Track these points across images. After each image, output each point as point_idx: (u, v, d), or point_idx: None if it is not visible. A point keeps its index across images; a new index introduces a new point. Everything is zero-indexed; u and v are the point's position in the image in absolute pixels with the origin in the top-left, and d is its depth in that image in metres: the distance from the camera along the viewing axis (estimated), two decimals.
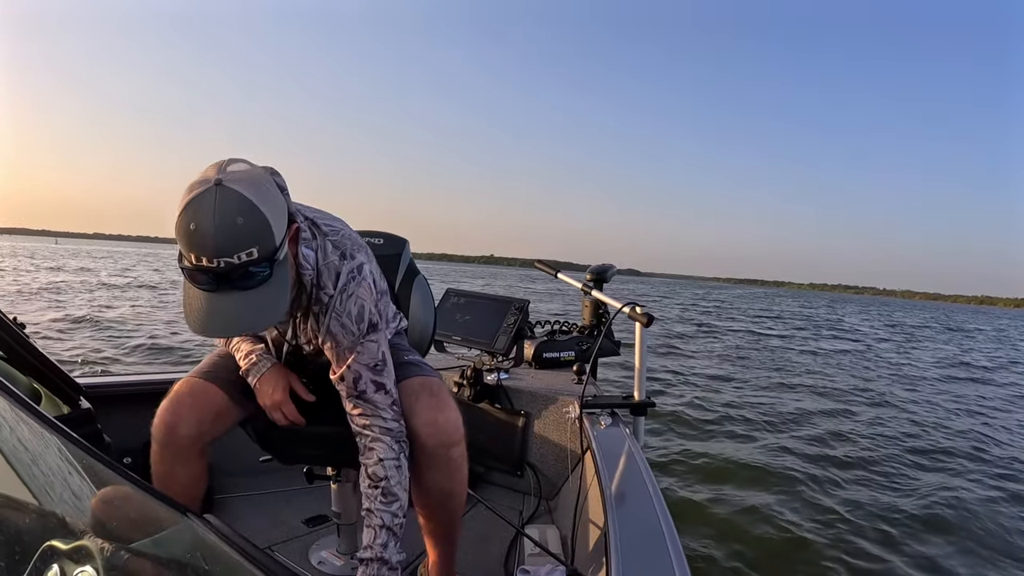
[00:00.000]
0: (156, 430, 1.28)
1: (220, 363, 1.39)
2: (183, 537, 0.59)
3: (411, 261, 1.79)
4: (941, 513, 3.93)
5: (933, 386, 9.50)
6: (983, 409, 7.73)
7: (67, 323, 8.77)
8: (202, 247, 0.92)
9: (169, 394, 1.30)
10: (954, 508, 4.03)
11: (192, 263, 0.95)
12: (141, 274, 22.23)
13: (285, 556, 1.72)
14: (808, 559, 3.16)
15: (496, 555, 1.79)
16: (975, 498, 4.23)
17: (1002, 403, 8.41)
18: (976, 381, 10.55)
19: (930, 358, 13.78)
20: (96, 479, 0.64)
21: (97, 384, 1.99)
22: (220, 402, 1.31)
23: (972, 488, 4.47)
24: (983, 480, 4.68)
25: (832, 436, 5.66)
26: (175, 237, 0.95)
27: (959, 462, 5.15)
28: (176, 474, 1.29)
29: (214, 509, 1.97)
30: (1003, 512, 4.01)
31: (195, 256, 0.94)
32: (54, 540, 0.55)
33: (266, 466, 2.20)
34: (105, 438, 1.74)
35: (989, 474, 4.85)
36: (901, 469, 4.81)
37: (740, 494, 3.97)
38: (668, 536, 1.12)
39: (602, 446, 1.66)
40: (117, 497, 0.62)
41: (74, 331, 8.17)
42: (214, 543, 0.55)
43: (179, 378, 1.35)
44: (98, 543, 0.54)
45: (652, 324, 1.90)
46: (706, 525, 3.44)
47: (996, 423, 6.88)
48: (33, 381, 1.63)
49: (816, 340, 15.77)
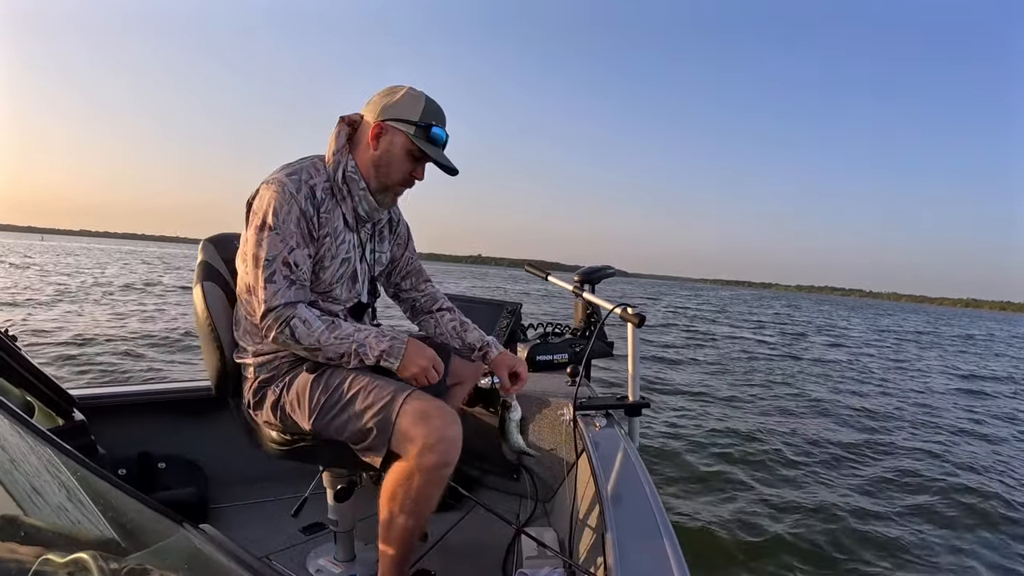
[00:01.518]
0: (450, 451, 1.28)
1: (392, 380, 1.39)
2: (180, 548, 0.59)
3: None
4: (939, 509, 3.97)
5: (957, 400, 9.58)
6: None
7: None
8: (443, 115, 1.42)
9: (438, 415, 1.29)
10: (952, 507, 4.07)
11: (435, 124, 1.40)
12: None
13: (283, 565, 1.71)
14: (802, 556, 3.18)
15: (494, 559, 1.79)
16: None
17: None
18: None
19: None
20: (91, 491, 0.64)
21: (90, 395, 1.98)
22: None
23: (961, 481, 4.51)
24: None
25: (828, 436, 5.71)
26: (413, 113, 1.38)
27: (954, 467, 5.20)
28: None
29: (210, 519, 1.96)
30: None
31: (438, 121, 1.40)
32: (49, 554, 0.55)
33: (261, 475, 2.19)
34: (99, 449, 1.73)
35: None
36: (895, 468, 4.85)
37: (737, 494, 3.98)
38: (665, 536, 1.13)
39: (597, 447, 1.66)
40: (112, 508, 0.62)
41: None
42: (211, 553, 0.55)
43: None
44: (94, 556, 0.54)
45: (643, 324, 1.90)
46: (703, 525, 3.45)
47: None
48: (26, 393, 1.62)
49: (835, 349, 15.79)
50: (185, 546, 0.58)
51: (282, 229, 1.30)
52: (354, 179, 1.41)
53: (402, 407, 1.29)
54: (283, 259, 1.30)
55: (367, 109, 1.42)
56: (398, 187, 1.46)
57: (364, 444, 1.35)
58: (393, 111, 1.38)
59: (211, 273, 1.56)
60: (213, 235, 1.63)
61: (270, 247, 1.29)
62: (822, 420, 6.34)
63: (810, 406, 7.05)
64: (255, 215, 1.32)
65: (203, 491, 2.00)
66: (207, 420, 2.17)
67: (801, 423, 6.11)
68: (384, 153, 1.40)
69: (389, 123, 1.38)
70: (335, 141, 1.41)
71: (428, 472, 1.27)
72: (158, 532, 0.61)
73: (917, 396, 8.48)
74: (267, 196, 1.31)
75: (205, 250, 1.59)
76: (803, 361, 11.72)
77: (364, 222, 1.49)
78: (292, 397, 1.39)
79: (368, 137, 1.40)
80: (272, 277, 1.29)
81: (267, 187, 1.33)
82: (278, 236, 1.29)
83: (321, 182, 1.37)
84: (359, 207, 1.43)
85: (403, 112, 1.38)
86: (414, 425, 1.27)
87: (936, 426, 6.50)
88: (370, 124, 1.40)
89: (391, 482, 1.32)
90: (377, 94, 1.42)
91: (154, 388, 2.20)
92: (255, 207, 1.34)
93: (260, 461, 1.61)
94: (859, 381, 9.57)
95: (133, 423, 2.07)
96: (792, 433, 5.66)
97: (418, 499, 1.30)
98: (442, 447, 1.26)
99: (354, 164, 1.41)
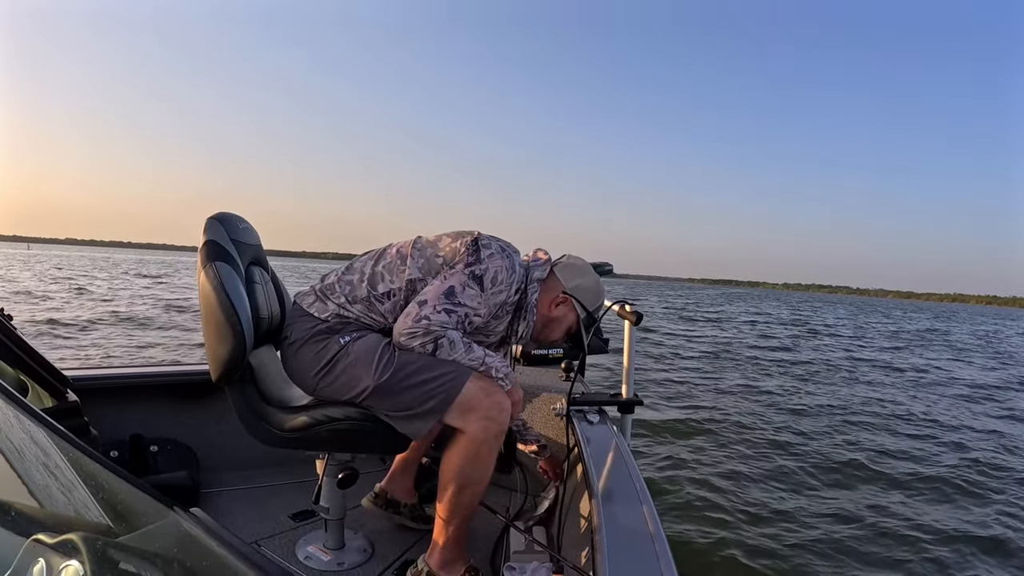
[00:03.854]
0: (506, 420, 1.49)
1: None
2: (170, 531, 0.59)
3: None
4: (938, 508, 4.00)
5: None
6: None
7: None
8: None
9: (499, 390, 1.49)
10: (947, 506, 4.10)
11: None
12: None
13: (272, 551, 1.72)
14: (792, 556, 3.20)
15: (483, 552, 1.80)
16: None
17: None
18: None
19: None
20: (82, 472, 0.64)
21: (84, 377, 1.97)
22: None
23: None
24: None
25: (823, 435, 5.73)
26: (592, 303, 1.66)
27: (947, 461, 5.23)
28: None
29: (201, 503, 1.97)
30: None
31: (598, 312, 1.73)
32: (40, 534, 0.55)
33: (253, 461, 2.20)
34: (92, 431, 1.73)
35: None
36: (893, 465, 4.88)
37: (727, 493, 4.01)
38: (655, 532, 1.13)
39: (590, 443, 1.67)
40: (103, 490, 0.62)
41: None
42: (201, 537, 0.55)
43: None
44: (85, 537, 0.54)
45: (641, 322, 1.91)
46: (693, 523, 3.47)
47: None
48: (20, 373, 1.62)
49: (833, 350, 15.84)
50: (175, 530, 0.58)
51: (486, 298, 1.49)
52: (532, 312, 1.61)
53: (470, 378, 1.44)
54: (469, 312, 1.47)
55: (561, 268, 1.66)
56: (542, 343, 1.74)
57: (419, 410, 1.43)
58: (579, 293, 1.64)
59: (221, 252, 1.47)
60: (217, 213, 1.55)
61: (470, 299, 1.47)
62: (820, 419, 6.36)
63: (809, 406, 7.07)
64: (479, 262, 1.48)
65: (194, 475, 2.01)
66: (201, 405, 2.17)
67: (798, 423, 6.12)
68: (557, 319, 1.64)
69: (572, 300, 1.62)
70: (537, 269, 1.62)
71: (490, 440, 1.44)
72: (148, 515, 0.62)
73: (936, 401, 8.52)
74: (498, 264, 1.50)
75: (211, 229, 1.50)
76: (807, 361, 11.75)
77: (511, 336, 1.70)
78: (358, 352, 1.46)
79: (551, 297, 1.63)
80: (451, 315, 1.45)
81: (501, 257, 1.51)
82: (481, 299, 1.48)
83: (519, 288, 1.58)
84: (519, 329, 1.64)
85: (586, 299, 1.64)
86: (478, 396, 1.43)
87: (941, 425, 6.53)
88: (557, 286, 1.63)
89: (456, 460, 1.44)
90: (573, 262, 1.69)
91: (149, 371, 2.20)
92: (484, 256, 1.49)
93: (252, 447, 1.62)
94: (856, 380, 9.62)
95: (127, 406, 2.07)
96: (786, 433, 5.68)
97: (483, 468, 1.46)
98: (503, 417, 1.45)
99: (535, 302, 1.61)
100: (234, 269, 1.47)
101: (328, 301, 1.52)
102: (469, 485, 1.46)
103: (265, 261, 1.71)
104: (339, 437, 1.49)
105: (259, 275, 1.64)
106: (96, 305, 13.10)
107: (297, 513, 1.94)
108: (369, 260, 1.56)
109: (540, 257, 1.66)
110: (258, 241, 1.68)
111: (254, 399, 1.52)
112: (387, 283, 1.51)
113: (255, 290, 1.57)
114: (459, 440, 1.45)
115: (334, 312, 1.51)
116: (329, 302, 1.52)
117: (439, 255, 1.52)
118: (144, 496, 0.62)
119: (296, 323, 1.53)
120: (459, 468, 1.44)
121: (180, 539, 0.58)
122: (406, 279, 1.51)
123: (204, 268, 1.43)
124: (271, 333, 1.63)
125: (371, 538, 1.81)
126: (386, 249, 1.58)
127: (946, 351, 16.89)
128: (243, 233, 1.59)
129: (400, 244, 1.58)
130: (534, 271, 1.61)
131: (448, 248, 1.53)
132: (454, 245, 1.52)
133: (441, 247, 1.53)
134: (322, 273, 1.62)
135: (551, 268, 1.66)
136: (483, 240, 1.53)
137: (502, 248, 1.53)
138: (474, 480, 1.46)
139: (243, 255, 1.56)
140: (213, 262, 1.44)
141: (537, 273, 1.61)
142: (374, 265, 1.54)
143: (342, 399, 1.48)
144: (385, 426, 1.47)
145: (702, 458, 4.70)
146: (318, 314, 1.51)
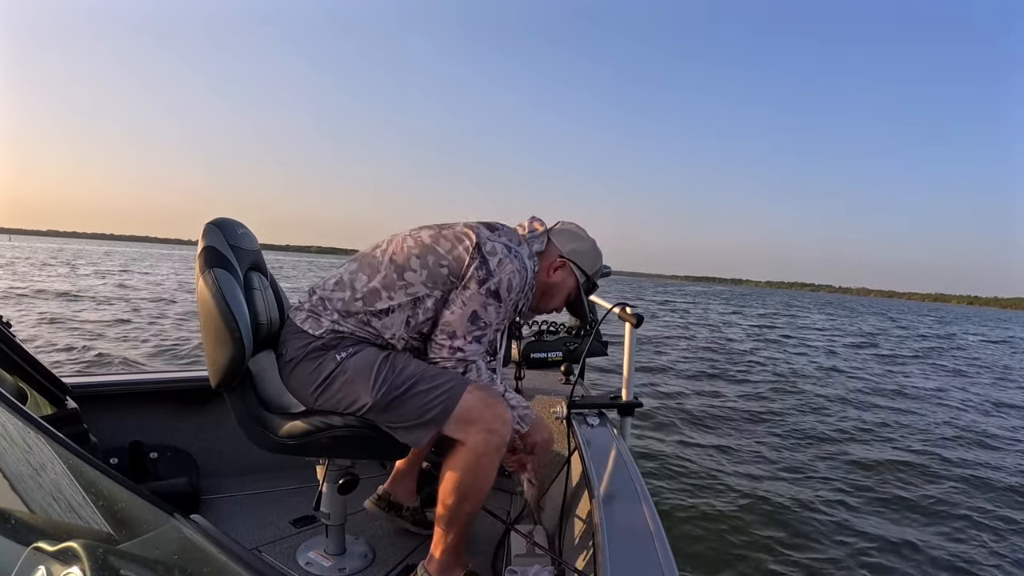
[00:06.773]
0: (507, 433, 1.46)
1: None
2: (170, 538, 0.59)
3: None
4: (936, 508, 4.00)
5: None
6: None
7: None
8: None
9: (499, 403, 1.48)
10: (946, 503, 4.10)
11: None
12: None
13: (273, 557, 1.72)
14: (792, 556, 3.20)
15: (484, 555, 1.80)
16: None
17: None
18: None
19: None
20: (82, 480, 0.64)
21: (84, 384, 1.97)
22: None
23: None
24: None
25: (822, 434, 5.73)
26: (591, 267, 1.63)
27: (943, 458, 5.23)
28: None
29: (201, 510, 1.96)
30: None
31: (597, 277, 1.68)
32: (40, 542, 0.55)
33: (253, 467, 2.19)
34: (91, 438, 1.72)
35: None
36: (891, 462, 4.88)
37: (728, 495, 4.00)
38: (656, 534, 1.13)
39: (590, 446, 1.67)
40: (103, 497, 0.62)
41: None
42: (201, 544, 0.55)
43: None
44: (85, 544, 0.54)
45: (641, 324, 1.91)
46: (694, 525, 3.47)
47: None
48: (19, 380, 1.62)
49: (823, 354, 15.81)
50: (175, 536, 0.58)
51: (506, 306, 1.48)
52: (532, 286, 1.58)
53: (468, 390, 1.43)
54: (495, 329, 1.50)
55: (556, 234, 1.63)
56: (541, 312, 1.69)
57: (418, 421, 1.41)
58: (577, 257, 1.61)
59: (219, 259, 1.46)
60: (215, 219, 1.53)
61: (493, 315, 1.47)
62: (818, 419, 6.36)
63: (808, 406, 7.07)
64: (491, 275, 1.44)
65: (194, 482, 2.00)
66: (200, 411, 2.17)
67: (796, 423, 6.12)
68: (556, 285, 1.61)
69: (571, 264, 1.60)
70: (536, 241, 1.59)
71: (491, 452, 1.41)
72: (149, 522, 0.62)
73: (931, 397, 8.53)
74: (508, 269, 1.46)
75: (209, 235, 1.48)
76: (807, 361, 11.75)
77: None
78: (355, 369, 1.44)
79: (548, 263, 1.60)
80: (480, 339, 1.48)
81: (510, 260, 1.47)
82: (503, 310, 1.48)
83: (529, 279, 1.54)
84: (520, 305, 1.59)
85: (585, 262, 1.62)
86: (478, 408, 1.41)
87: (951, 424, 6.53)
88: (555, 252, 1.60)
89: (455, 472, 1.42)
90: (567, 227, 1.65)
91: (148, 378, 2.20)
92: (493, 267, 1.45)
93: (252, 453, 1.61)
94: (855, 378, 9.62)
95: (126, 412, 2.07)
96: (785, 433, 5.68)
97: (483, 480, 1.43)
98: (504, 429, 1.42)
99: (535, 274, 1.57)
100: (233, 275, 1.46)
101: (321, 318, 1.48)
102: (469, 497, 1.43)
103: (264, 266, 1.71)
104: (339, 443, 1.48)
105: (258, 281, 1.63)
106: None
107: (298, 519, 1.94)
108: (360, 272, 1.50)
109: (536, 228, 1.63)
110: (257, 247, 1.68)
111: (254, 405, 1.52)
112: (386, 300, 1.46)
113: (254, 296, 1.57)
114: (459, 451, 1.42)
115: (328, 328, 1.47)
116: (322, 319, 1.47)
117: (443, 264, 1.45)
118: (144, 503, 0.62)
119: (290, 340, 1.50)
120: (459, 480, 1.41)
121: (181, 546, 0.58)
122: (409, 297, 1.46)
123: (203, 274, 1.42)
124: (271, 338, 1.62)
125: (372, 543, 1.81)
126: (375, 256, 1.51)
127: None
128: (241, 239, 1.58)
129: (392, 250, 1.50)
130: (532, 244, 1.59)
131: (451, 256, 1.45)
132: (457, 251, 1.45)
133: (443, 253, 1.46)
134: (319, 271, 1.60)
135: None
136: (486, 246, 1.45)
137: (507, 248, 1.47)
138: (474, 492, 1.43)
139: (242, 261, 1.55)
140: (212, 268, 1.42)
141: (536, 246, 1.60)
142: (368, 280, 1.48)
143: (341, 412, 1.48)
144: (385, 433, 1.46)
145: (702, 458, 4.70)
146: (312, 331, 1.47)
